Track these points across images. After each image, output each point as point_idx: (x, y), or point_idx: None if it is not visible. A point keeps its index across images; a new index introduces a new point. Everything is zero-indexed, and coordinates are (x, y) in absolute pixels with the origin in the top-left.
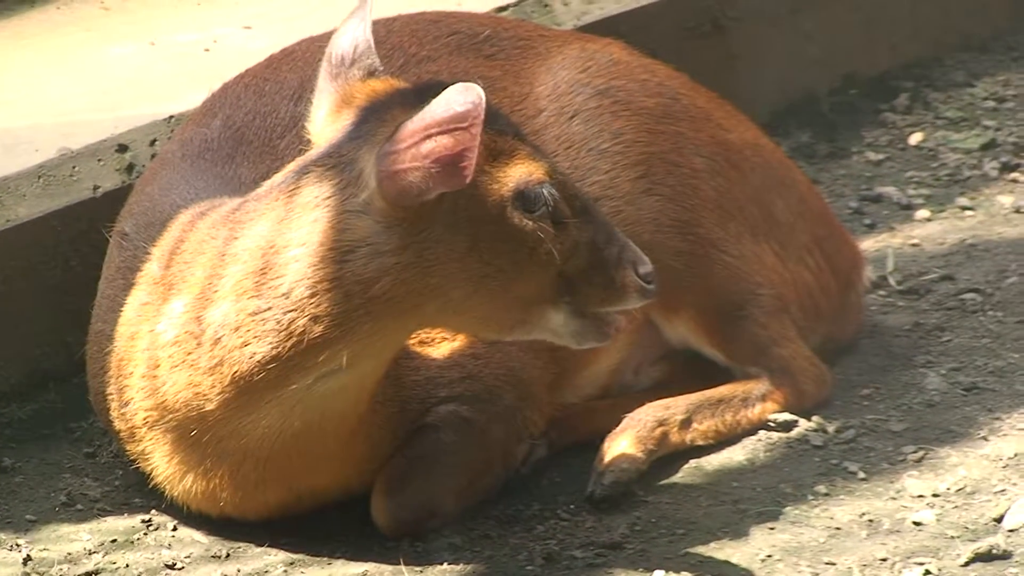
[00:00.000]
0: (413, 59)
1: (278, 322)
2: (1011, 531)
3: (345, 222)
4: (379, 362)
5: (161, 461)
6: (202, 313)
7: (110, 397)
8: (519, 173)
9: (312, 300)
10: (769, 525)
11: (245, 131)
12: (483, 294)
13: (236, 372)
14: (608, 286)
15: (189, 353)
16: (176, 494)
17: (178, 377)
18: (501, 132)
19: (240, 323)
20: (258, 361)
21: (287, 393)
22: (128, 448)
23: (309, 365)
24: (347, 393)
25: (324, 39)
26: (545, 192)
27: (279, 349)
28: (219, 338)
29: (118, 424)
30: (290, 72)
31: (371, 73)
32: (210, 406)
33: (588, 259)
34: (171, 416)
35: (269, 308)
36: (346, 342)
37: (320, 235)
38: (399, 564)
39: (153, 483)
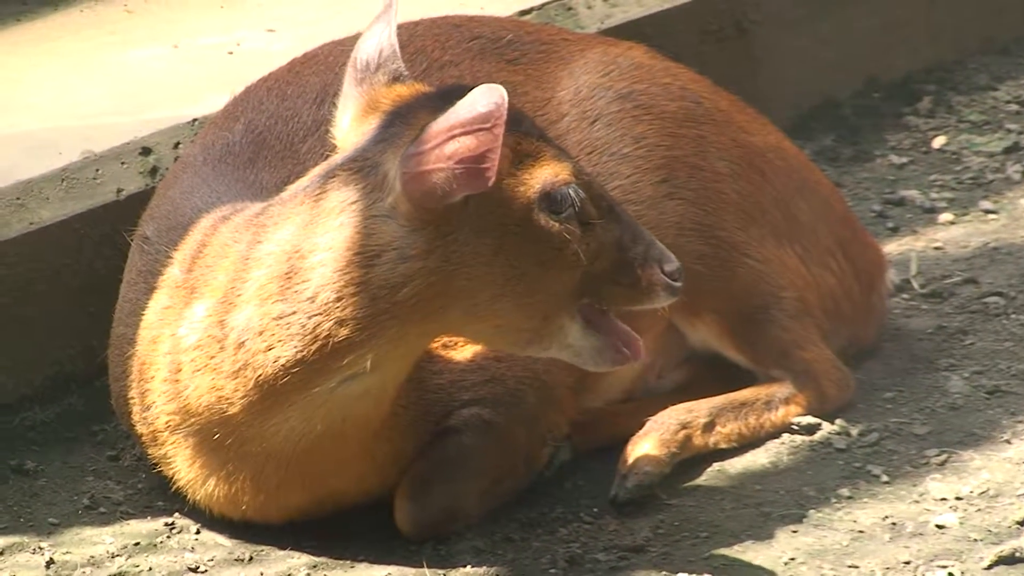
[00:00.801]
0: (436, 64)
1: (303, 326)
2: None
3: (371, 226)
4: (402, 366)
5: (183, 465)
6: (225, 317)
7: (132, 401)
8: (545, 175)
9: (338, 304)
10: (792, 528)
11: (267, 135)
12: (508, 298)
13: (260, 376)
14: (635, 285)
15: (212, 357)
16: (198, 498)
17: (200, 381)
18: (526, 134)
19: (264, 327)
20: (282, 365)
21: (310, 396)
22: (150, 452)
23: (333, 368)
24: (370, 396)
25: (347, 43)
26: (571, 193)
27: (304, 353)
28: (243, 342)
29: (140, 428)
30: (312, 76)
31: (396, 78)
32: (233, 410)
33: (614, 259)
34: (193, 420)
35: (294, 312)
36: (371, 346)
37: (346, 240)
38: (422, 567)
39: (175, 487)
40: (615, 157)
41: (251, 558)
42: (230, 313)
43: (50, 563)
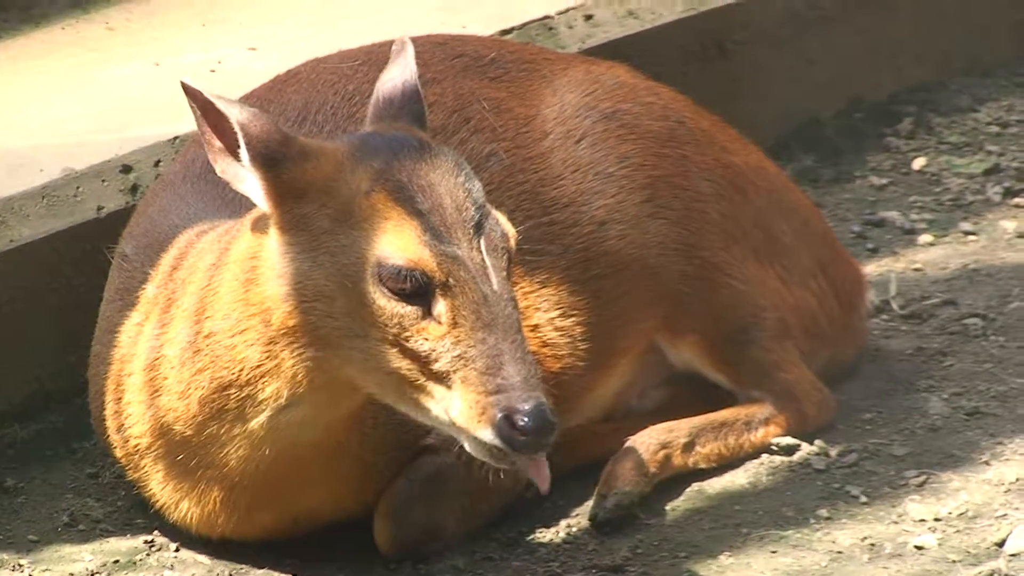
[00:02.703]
0: (419, 80)
1: (226, 347)
2: (1013, 555)
3: (255, 249)
4: (331, 396)
5: (157, 488)
6: (176, 335)
7: (108, 421)
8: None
9: (239, 326)
10: (771, 548)
11: None
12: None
13: (201, 396)
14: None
15: (166, 378)
16: (175, 519)
17: (162, 401)
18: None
19: (199, 347)
20: (215, 388)
21: (248, 427)
22: (128, 474)
23: (259, 400)
24: (312, 425)
25: (329, 60)
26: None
27: (229, 377)
28: (184, 361)
29: (118, 451)
30: (294, 94)
31: (417, 119)
32: (188, 432)
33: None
34: (159, 442)
35: (217, 332)
36: (278, 374)
37: (241, 262)
38: None
39: (154, 508)
40: (600, 176)
41: None
42: (182, 328)
43: None
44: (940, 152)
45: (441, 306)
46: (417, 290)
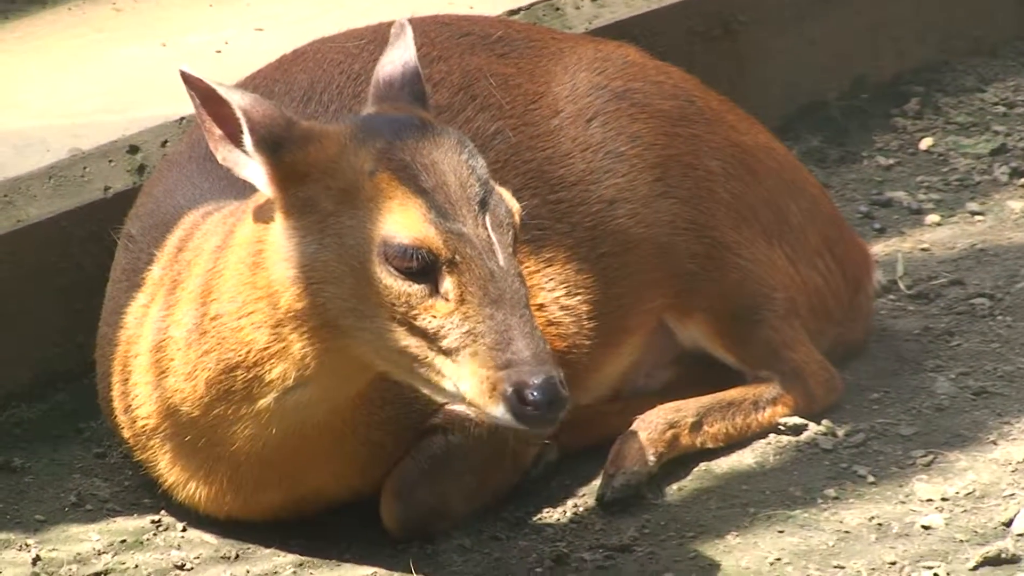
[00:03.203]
0: (425, 59)
1: (232, 329)
2: (1020, 535)
3: (260, 233)
4: (340, 379)
5: (165, 468)
6: (183, 316)
7: (114, 402)
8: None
9: (248, 308)
10: (778, 528)
11: None
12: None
13: (208, 378)
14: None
15: (172, 359)
16: (183, 499)
17: (168, 382)
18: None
19: (206, 328)
20: (222, 369)
21: (256, 407)
22: (135, 455)
23: (267, 381)
24: (319, 405)
25: (335, 40)
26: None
27: (235, 358)
28: (191, 343)
29: (125, 432)
30: (300, 73)
31: (419, 98)
32: (195, 413)
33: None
34: (167, 423)
35: (224, 315)
36: (285, 357)
37: (247, 246)
38: (409, 566)
39: (161, 488)
40: (611, 155)
41: (237, 556)
42: (188, 310)
43: (36, 560)
44: (947, 132)
45: (448, 283)
46: (423, 268)
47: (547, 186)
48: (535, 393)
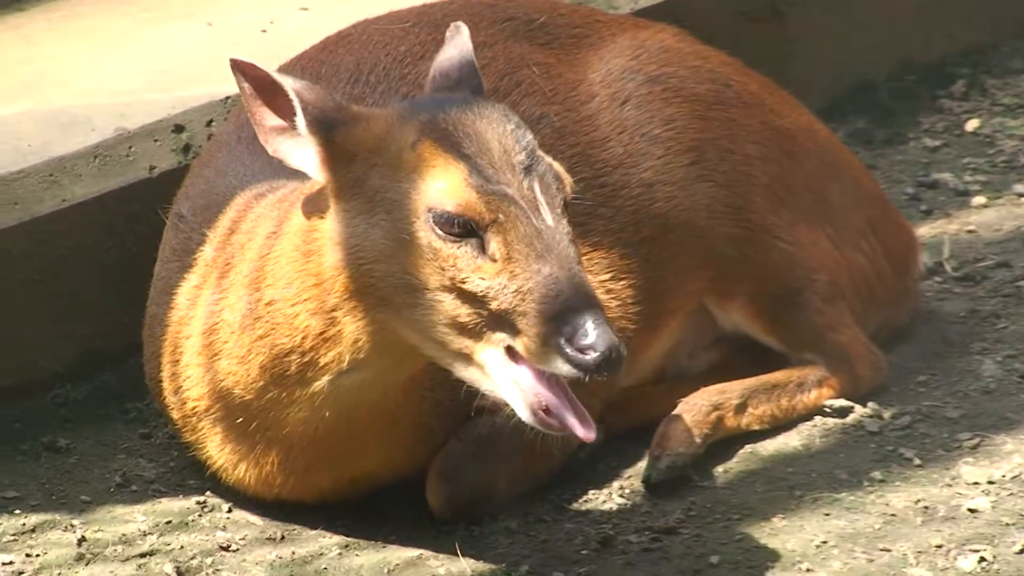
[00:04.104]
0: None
1: (285, 315)
2: None
3: (315, 220)
4: (393, 362)
5: (214, 450)
6: (237, 300)
7: (163, 383)
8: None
9: (302, 295)
10: (824, 511)
11: None
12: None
13: (262, 362)
14: (532, 339)
15: (226, 342)
16: (232, 481)
17: (220, 365)
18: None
19: (260, 313)
20: (276, 354)
21: (311, 390)
22: (183, 437)
23: (320, 365)
24: (372, 388)
25: (380, 21)
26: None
27: (290, 343)
28: (245, 327)
29: (173, 412)
30: (346, 54)
31: (476, 91)
32: (248, 396)
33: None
34: (218, 405)
35: (279, 300)
36: (340, 342)
37: (301, 234)
38: (454, 548)
39: (210, 470)
40: (646, 138)
41: (283, 537)
42: (243, 295)
43: (82, 540)
44: (993, 114)
45: (494, 244)
46: (468, 231)
47: (591, 170)
48: (588, 337)
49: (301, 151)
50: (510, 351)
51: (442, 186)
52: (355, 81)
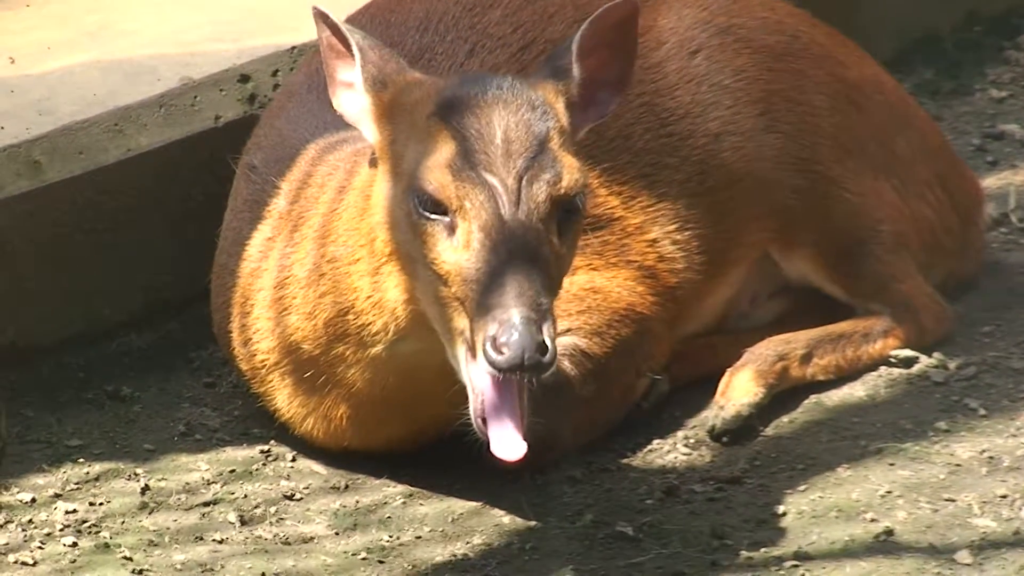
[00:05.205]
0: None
1: (343, 274)
2: None
3: (371, 178)
4: (433, 333)
5: (283, 403)
6: (305, 254)
7: (232, 333)
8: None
9: (355, 253)
10: (889, 461)
11: None
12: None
13: (326, 318)
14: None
15: (295, 297)
16: (300, 433)
17: (289, 319)
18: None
19: (324, 270)
20: (337, 312)
21: (372, 353)
22: (252, 387)
23: (375, 332)
24: (432, 355)
25: None
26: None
27: (347, 304)
28: (312, 281)
29: (241, 363)
30: (415, 3)
31: (555, 74)
32: (316, 351)
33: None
34: (288, 359)
35: (339, 259)
36: (383, 309)
37: (361, 190)
38: (518, 498)
39: (278, 422)
40: (715, 88)
41: (347, 486)
42: (311, 249)
43: (145, 489)
44: None
45: (461, 229)
46: (441, 211)
47: (658, 120)
48: (505, 335)
49: (358, 107)
50: (472, 351)
51: (427, 163)
52: (424, 30)
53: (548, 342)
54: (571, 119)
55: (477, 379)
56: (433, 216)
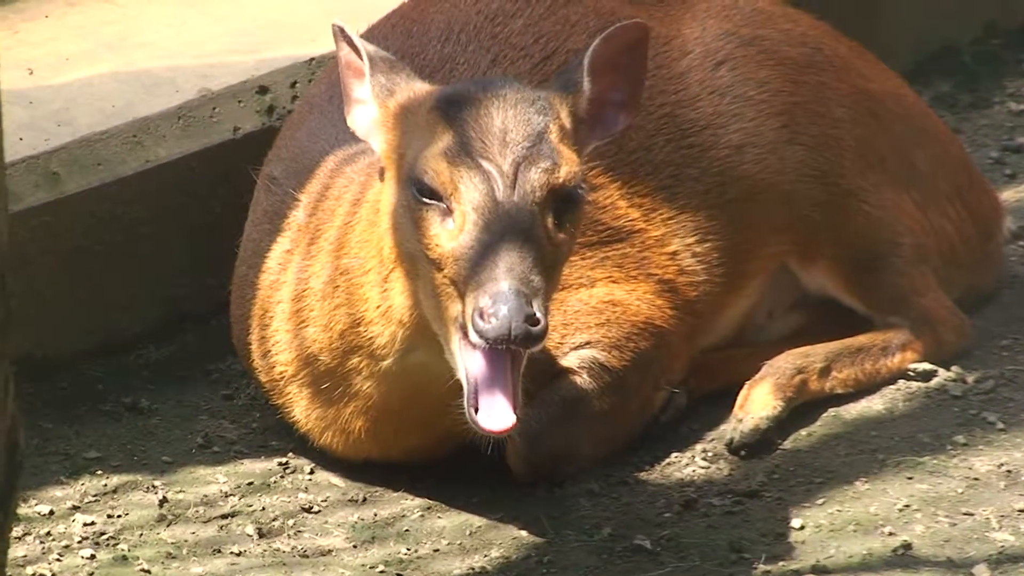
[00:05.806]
0: (560, 0)
1: (355, 285)
2: None
3: (380, 191)
4: (438, 343)
5: (301, 415)
6: (322, 266)
7: (251, 345)
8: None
9: (366, 265)
10: (907, 474)
11: None
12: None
13: (341, 330)
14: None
15: (311, 310)
16: (319, 445)
17: (308, 333)
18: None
19: (338, 282)
20: (349, 323)
21: (384, 365)
22: (271, 399)
23: (383, 343)
24: (442, 364)
25: None
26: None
27: (358, 315)
28: (326, 293)
29: (262, 376)
30: (437, 13)
31: (564, 87)
32: (333, 363)
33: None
34: (305, 370)
35: (351, 270)
36: (390, 319)
37: (372, 203)
38: (536, 511)
39: (297, 434)
40: (739, 100)
41: (364, 499)
42: (327, 262)
43: (163, 501)
44: None
45: (456, 212)
46: (435, 197)
47: (679, 130)
48: (494, 306)
49: (368, 119)
50: (465, 335)
51: (425, 153)
52: (446, 40)
53: (539, 315)
54: (577, 132)
55: (471, 365)
56: (429, 201)
